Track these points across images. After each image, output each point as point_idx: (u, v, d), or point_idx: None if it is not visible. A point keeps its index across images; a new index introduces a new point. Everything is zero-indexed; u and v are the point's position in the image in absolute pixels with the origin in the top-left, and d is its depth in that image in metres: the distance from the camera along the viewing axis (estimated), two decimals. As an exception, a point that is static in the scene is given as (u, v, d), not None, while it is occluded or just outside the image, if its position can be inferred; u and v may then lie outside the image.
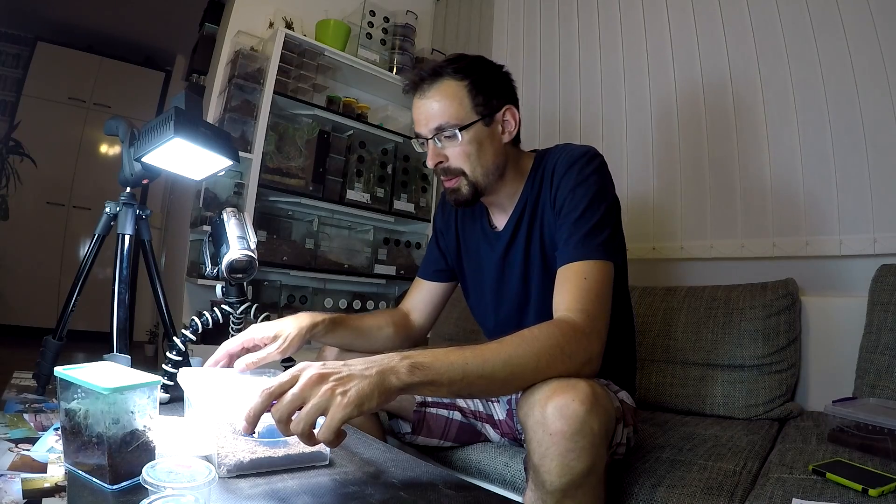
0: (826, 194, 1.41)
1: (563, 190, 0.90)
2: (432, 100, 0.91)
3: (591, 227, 0.84)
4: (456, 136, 0.90)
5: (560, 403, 0.65)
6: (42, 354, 1.01)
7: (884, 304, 1.16)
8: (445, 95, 0.91)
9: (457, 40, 2.63)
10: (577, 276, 0.81)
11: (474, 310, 1.13)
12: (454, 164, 0.93)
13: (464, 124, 0.90)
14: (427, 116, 0.92)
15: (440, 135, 0.91)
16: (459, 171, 0.93)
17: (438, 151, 0.93)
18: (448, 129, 0.90)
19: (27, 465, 0.64)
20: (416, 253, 2.50)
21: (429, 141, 0.93)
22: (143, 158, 0.98)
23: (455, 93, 0.91)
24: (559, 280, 0.83)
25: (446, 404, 1.07)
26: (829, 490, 0.76)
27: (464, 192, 0.94)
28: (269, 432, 0.68)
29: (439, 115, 0.90)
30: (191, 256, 2.03)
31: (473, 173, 0.93)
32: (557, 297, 0.81)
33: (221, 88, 2.09)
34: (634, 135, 1.85)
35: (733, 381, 1.31)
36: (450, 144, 0.92)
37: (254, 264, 0.95)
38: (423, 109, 0.93)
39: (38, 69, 3.53)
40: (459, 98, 0.91)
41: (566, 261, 0.83)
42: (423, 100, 0.93)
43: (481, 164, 0.93)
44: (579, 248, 0.83)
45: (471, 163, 0.92)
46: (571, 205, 0.87)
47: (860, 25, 1.36)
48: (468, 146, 0.91)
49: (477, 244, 1.07)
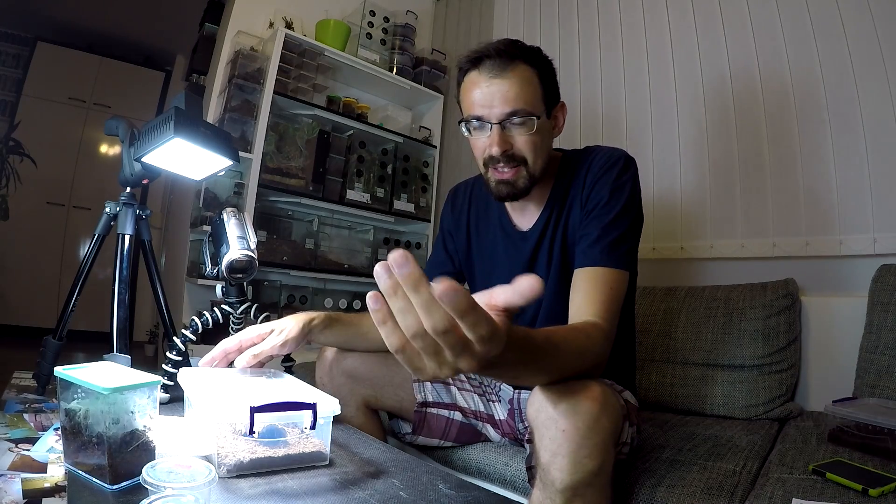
0: (826, 194, 1.41)
1: (600, 191, 0.89)
2: (511, 81, 0.85)
3: (619, 235, 0.84)
4: (531, 124, 0.86)
5: (573, 401, 0.65)
6: (42, 354, 1.01)
7: (884, 304, 1.16)
8: (523, 80, 0.86)
9: (457, 40, 2.63)
10: (606, 283, 0.81)
11: None
12: (520, 153, 0.88)
13: (538, 113, 0.87)
14: (503, 97, 0.85)
15: (512, 119, 0.86)
16: (522, 161, 0.89)
17: (506, 137, 0.87)
18: (522, 116, 0.86)
19: (27, 465, 0.64)
20: (416, 253, 2.50)
21: (495, 125, 0.86)
22: (143, 158, 0.98)
23: (531, 79, 0.87)
24: (584, 280, 0.83)
25: (447, 404, 1.07)
26: (829, 490, 0.76)
27: (521, 184, 0.90)
28: (269, 432, 0.68)
29: (517, 99, 0.85)
30: (191, 256, 2.03)
31: (534, 165, 0.90)
32: (582, 299, 0.81)
33: (221, 88, 2.09)
34: (635, 135, 1.85)
35: (733, 381, 1.30)
36: (518, 132, 0.87)
37: (254, 264, 0.95)
38: (496, 89, 0.85)
39: (38, 69, 3.53)
40: (534, 86, 0.87)
41: (593, 263, 0.83)
42: (498, 79, 0.85)
43: (542, 157, 0.90)
44: (607, 255, 0.83)
45: (535, 153, 0.89)
46: (606, 207, 0.87)
47: (860, 25, 1.36)
48: (537, 136, 0.88)
49: (493, 244, 1.04)
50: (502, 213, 1.03)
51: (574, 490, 0.65)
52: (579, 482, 0.65)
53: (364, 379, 1.00)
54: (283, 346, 0.87)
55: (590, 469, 0.65)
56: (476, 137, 0.90)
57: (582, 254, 0.86)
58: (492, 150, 0.88)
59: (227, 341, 0.87)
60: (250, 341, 0.87)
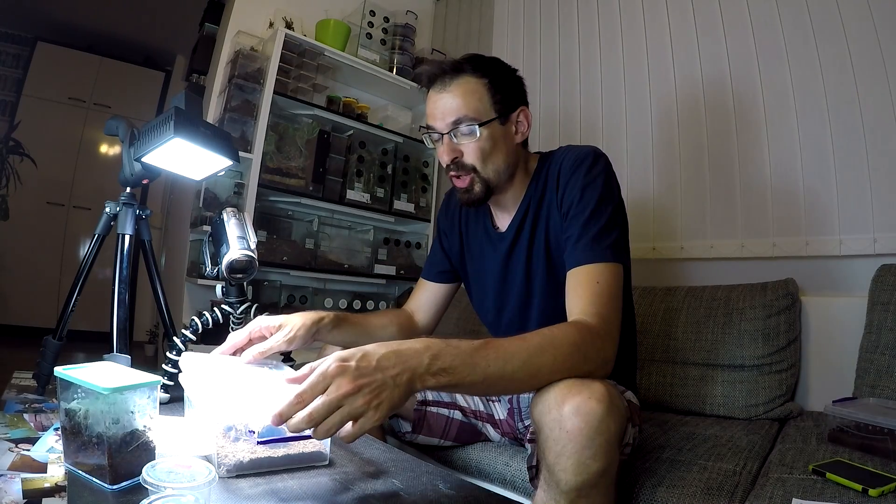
0: (826, 194, 1.41)
1: (571, 191, 0.90)
2: (452, 94, 0.90)
3: (600, 229, 0.85)
4: (474, 132, 0.90)
5: (578, 402, 0.65)
6: (42, 354, 1.01)
7: (884, 304, 1.16)
8: (466, 91, 0.90)
9: (457, 40, 2.63)
10: (590, 279, 0.81)
11: (478, 310, 1.13)
12: (468, 161, 0.92)
13: (482, 120, 0.90)
14: (445, 110, 0.90)
15: (457, 129, 0.91)
16: (472, 168, 0.92)
17: (454, 146, 0.92)
18: (466, 124, 0.90)
19: (27, 465, 0.64)
20: (416, 253, 2.50)
21: (444, 136, 0.92)
22: (143, 158, 0.98)
23: (475, 89, 0.91)
24: (571, 283, 0.83)
25: (447, 403, 1.07)
26: (829, 490, 0.76)
27: (476, 190, 0.94)
28: (269, 432, 0.68)
29: (459, 109, 0.90)
30: (191, 256, 2.03)
31: (485, 171, 0.93)
32: (571, 300, 0.82)
33: (221, 88, 2.09)
34: (634, 134, 1.85)
35: (733, 381, 1.30)
36: (466, 140, 0.91)
37: (254, 264, 0.95)
38: (441, 103, 0.91)
39: (38, 69, 3.53)
40: (479, 95, 0.91)
41: (577, 263, 0.84)
42: (442, 93, 0.91)
43: (494, 163, 0.93)
44: (589, 251, 0.83)
45: (485, 160, 0.92)
46: (580, 206, 0.88)
47: (860, 26, 1.36)
48: (485, 143, 0.91)
49: (480, 245, 1.07)
50: (486, 214, 1.06)
51: (579, 491, 0.65)
52: (584, 483, 0.65)
53: None
54: (290, 343, 0.86)
55: (595, 470, 0.64)
56: (436, 147, 0.96)
57: (568, 256, 0.87)
58: (441, 158, 0.93)
59: (236, 334, 0.86)
60: (259, 334, 0.86)
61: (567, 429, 0.65)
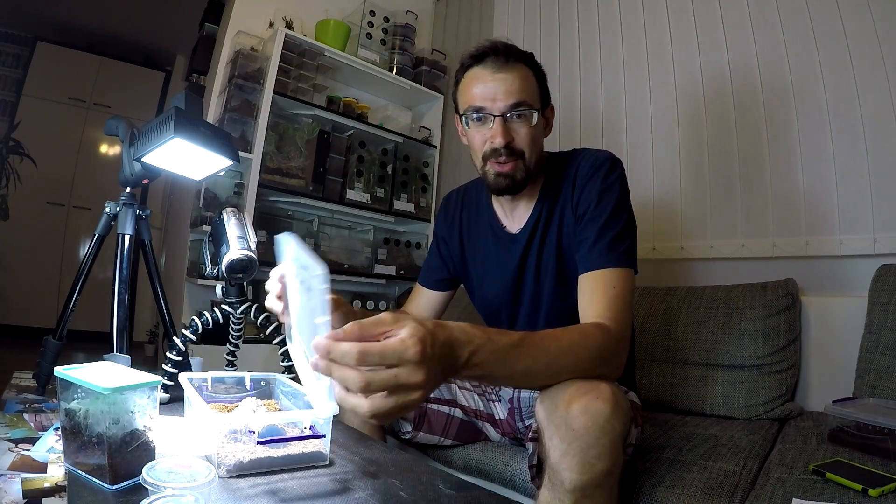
0: (826, 194, 1.41)
1: (588, 194, 0.90)
2: (514, 75, 0.89)
3: (615, 235, 0.86)
4: (531, 117, 0.90)
5: (585, 402, 0.65)
6: (42, 354, 1.02)
7: (884, 304, 1.16)
8: (524, 75, 0.90)
9: (457, 40, 2.63)
10: (607, 283, 0.82)
11: (481, 311, 1.12)
12: (520, 145, 0.91)
13: (537, 107, 0.91)
14: (507, 90, 0.88)
15: (516, 111, 0.89)
16: (521, 154, 0.91)
17: (508, 130, 0.90)
18: (525, 108, 0.89)
19: (27, 465, 0.64)
20: (416, 253, 2.50)
21: (498, 117, 0.89)
22: (143, 158, 0.98)
23: (529, 76, 0.91)
24: (587, 286, 0.84)
25: (448, 401, 1.07)
26: (829, 490, 0.76)
27: (519, 176, 0.92)
28: (269, 432, 0.68)
29: (520, 91, 0.89)
30: (191, 256, 2.03)
31: (531, 158, 0.92)
32: (588, 303, 0.82)
33: (221, 88, 2.09)
34: (634, 134, 1.85)
35: (733, 381, 1.30)
36: (519, 125, 0.90)
37: (254, 264, 0.95)
38: (501, 83, 0.88)
39: (38, 69, 3.53)
40: (533, 83, 0.92)
41: (593, 267, 0.84)
42: (501, 73, 0.89)
43: (538, 152, 0.94)
44: (606, 256, 0.84)
45: (532, 146, 0.92)
46: (597, 210, 0.88)
47: (860, 25, 1.36)
48: (535, 130, 0.91)
49: (486, 246, 1.05)
50: (492, 216, 1.04)
51: (583, 491, 0.65)
52: (589, 482, 0.65)
53: None
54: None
55: (600, 470, 0.65)
56: (476, 130, 0.92)
57: (582, 259, 0.87)
58: (495, 141, 0.89)
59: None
60: None
61: (573, 427, 0.65)
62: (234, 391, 0.88)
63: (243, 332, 1.11)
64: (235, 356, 1.12)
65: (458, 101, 0.96)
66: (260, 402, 0.82)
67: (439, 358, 0.53)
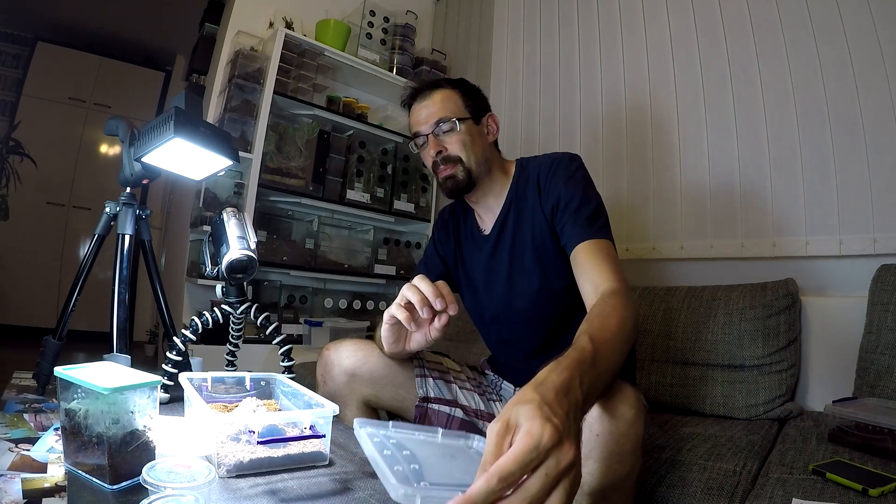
0: (826, 194, 1.41)
1: (554, 188, 0.98)
2: (433, 100, 1.06)
3: (591, 212, 0.93)
4: (455, 127, 1.04)
5: (610, 406, 0.64)
6: (42, 354, 1.01)
7: (884, 304, 1.16)
8: (444, 97, 1.06)
9: (457, 40, 2.63)
10: (600, 252, 0.86)
11: (470, 311, 1.17)
12: (453, 152, 1.04)
13: (460, 118, 1.05)
14: (429, 114, 1.05)
15: (440, 127, 1.04)
16: (457, 158, 1.04)
17: (438, 142, 1.04)
18: (447, 121, 1.04)
19: (27, 465, 0.64)
20: (416, 253, 2.50)
21: (429, 135, 1.04)
22: (143, 158, 0.98)
23: (451, 96, 1.07)
24: (581, 259, 0.87)
25: (448, 401, 1.07)
26: (829, 490, 0.76)
27: (459, 177, 1.04)
28: (269, 432, 0.68)
29: (440, 110, 1.04)
30: (191, 256, 2.03)
31: (468, 160, 1.04)
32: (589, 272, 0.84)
33: (221, 88, 2.09)
34: (634, 135, 1.85)
35: (733, 381, 1.30)
36: (448, 137, 1.04)
37: (254, 264, 0.95)
38: (424, 110, 1.06)
39: (38, 69, 3.53)
40: (455, 100, 1.07)
41: (580, 240, 0.89)
42: (424, 101, 1.06)
43: (475, 153, 1.05)
44: (587, 229, 0.90)
45: (466, 150, 1.04)
46: (566, 198, 0.96)
47: (860, 25, 1.36)
48: (464, 136, 1.04)
49: (470, 249, 1.14)
50: (473, 220, 1.14)
51: (602, 493, 0.65)
52: (608, 486, 0.65)
53: (365, 378, 1.01)
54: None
55: (620, 474, 0.64)
56: (422, 151, 1.08)
57: (568, 238, 0.92)
58: (427, 155, 1.06)
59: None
60: None
61: (596, 432, 0.64)
62: (234, 391, 0.88)
63: (243, 332, 1.10)
64: (235, 356, 1.12)
65: None
66: (260, 402, 0.82)
67: (565, 415, 0.45)
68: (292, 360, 1.02)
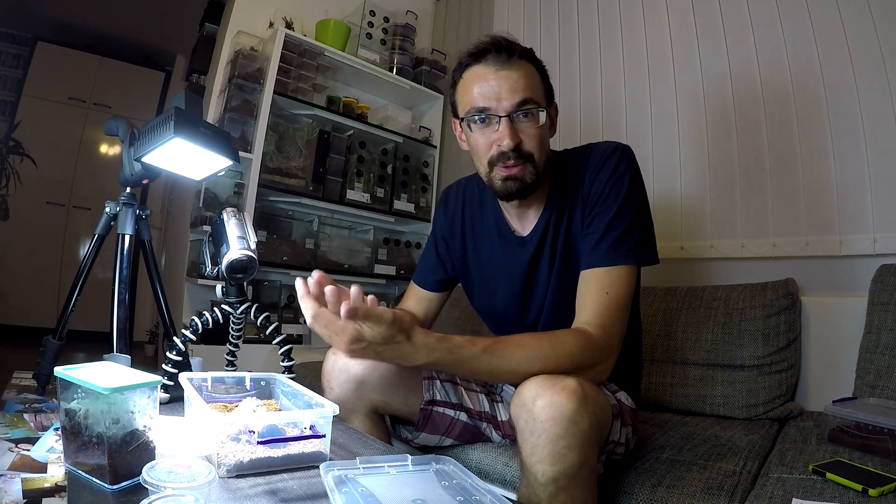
0: (826, 194, 1.41)
1: (598, 185, 0.87)
2: (518, 72, 0.82)
3: (624, 229, 0.84)
4: (538, 116, 0.83)
5: (550, 395, 0.68)
6: (42, 354, 1.01)
7: (884, 304, 1.16)
8: (529, 72, 0.84)
9: (457, 40, 2.63)
10: (602, 287, 0.82)
11: (482, 312, 1.10)
12: (529, 147, 0.84)
13: (544, 105, 0.85)
14: (512, 88, 0.81)
15: (522, 110, 0.82)
16: (530, 156, 0.84)
17: (516, 131, 0.83)
18: (533, 105, 0.83)
19: (27, 465, 0.64)
20: (416, 253, 2.50)
21: (504, 118, 0.82)
22: (143, 158, 0.98)
23: (533, 73, 0.85)
24: (584, 285, 0.84)
25: (454, 404, 1.05)
26: (829, 490, 0.76)
27: (528, 179, 0.85)
28: (269, 432, 0.68)
29: (526, 88, 0.82)
30: (191, 256, 2.03)
31: (540, 160, 0.86)
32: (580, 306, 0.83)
33: (221, 88, 2.09)
34: (635, 135, 1.84)
35: (733, 381, 1.30)
36: (526, 126, 0.83)
37: (254, 264, 0.95)
38: (505, 80, 0.81)
39: (38, 69, 3.53)
40: (538, 79, 0.86)
41: (595, 265, 0.84)
42: (505, 70, 0.82)
43: (546, 153, 0.88)
44: (608, 254, 0.83)
45: (540, 150, 0.85)
46: (606, 203, 0.85)
47: (860, 25, 1.36)
48: (542, 130, 0.85)
49: (491, 250, 1.01)
50: (499, 217, 0.99)
51: (556, 482, 0.67)
52: (561, 474, 0.66)
53: (375, 385, 0.96)
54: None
55: (571, 462, 0.67)
56: (480, 133, 0.85)
57: (586, 255, 0.86)
58: (503, 143, 0.83)
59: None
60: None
61: (540, 420, 0.67)
62: (234, 391, 0.88)
63: (243, 332, 1.10)
64: (235, 356, 1.11)
65: (458, 103, 0.90)
66: (260, 402, 0.82)
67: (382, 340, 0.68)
68: (292, 360, 1.02)
